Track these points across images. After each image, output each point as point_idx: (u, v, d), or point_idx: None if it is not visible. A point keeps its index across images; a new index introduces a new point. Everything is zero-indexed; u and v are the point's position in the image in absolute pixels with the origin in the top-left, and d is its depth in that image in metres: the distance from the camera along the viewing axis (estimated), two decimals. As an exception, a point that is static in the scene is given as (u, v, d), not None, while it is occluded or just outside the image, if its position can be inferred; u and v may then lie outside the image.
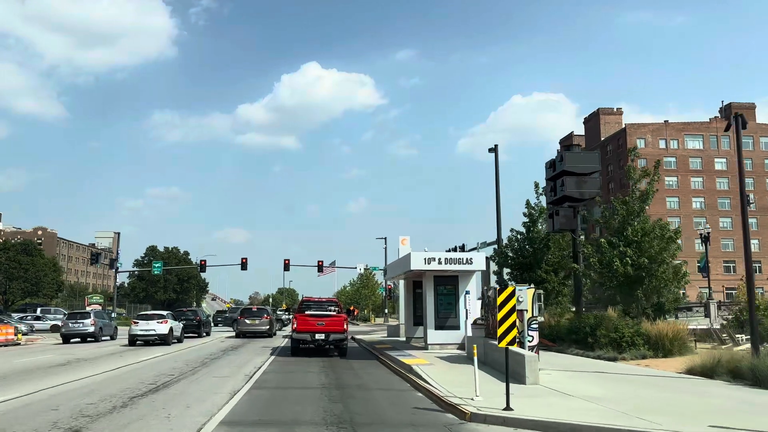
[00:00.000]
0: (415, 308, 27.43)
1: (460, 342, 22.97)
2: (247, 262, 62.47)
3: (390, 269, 27.28)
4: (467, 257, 22.13)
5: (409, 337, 27.43)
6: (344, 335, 24.28)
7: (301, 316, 24.63)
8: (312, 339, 23.94)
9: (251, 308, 38.21)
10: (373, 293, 70.57)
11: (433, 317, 23.03)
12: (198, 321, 36.83)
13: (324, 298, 30.68)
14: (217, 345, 30.67)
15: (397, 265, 25.80)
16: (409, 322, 27.40)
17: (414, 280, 27.42)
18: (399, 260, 25.02)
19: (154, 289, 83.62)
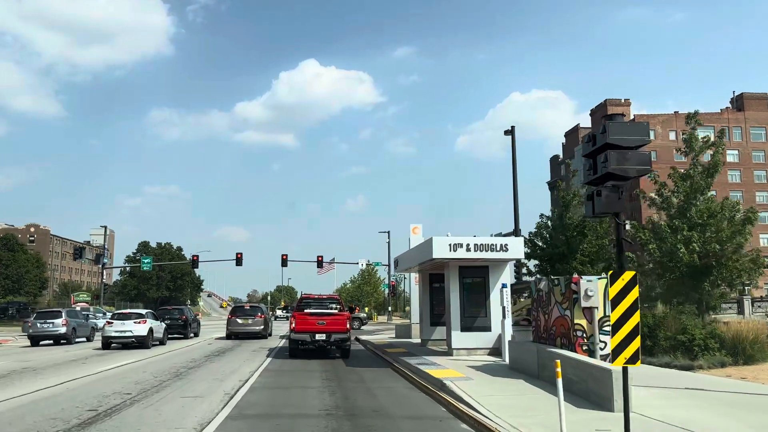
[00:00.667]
0: (432, 306, 23.27)
1: (491, 346, 18.82)
2: (242, 257, 58.48)
3: (402, 261, 23.04)
4: (502, 243, 17.95)
5: (425, 339, 23.27)
6: (347, 335, 21.55)
7: (300, 315, 21.84)
8: (312, 339, 21.23)
9: (243, 306, 34.01)
10: (375, 290, 66.46)
11: (458, 317, 18.88)
12: (184, 320, 32.63)
13: (324, 295, 26.75)
14: (203, 348, 26.48)
15: (412, 255, 21.60)
16: (425, 321, 23.25)
17: (431, 273, 23.27)
18: (415, 249, 20.81)
19: (146, 286, 79.30)
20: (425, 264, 20.40)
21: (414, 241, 27.71)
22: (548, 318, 13.65)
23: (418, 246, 19.76)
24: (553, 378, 12.39)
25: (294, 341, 21.66)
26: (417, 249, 20.20)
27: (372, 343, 27.10)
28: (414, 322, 28.43)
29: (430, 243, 18.00)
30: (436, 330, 23.07)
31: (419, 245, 19.49)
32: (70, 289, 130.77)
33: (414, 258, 21.14)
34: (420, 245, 19.52)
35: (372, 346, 26.20)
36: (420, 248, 19.58)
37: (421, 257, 19.38)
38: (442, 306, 22.80)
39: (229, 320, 32.33)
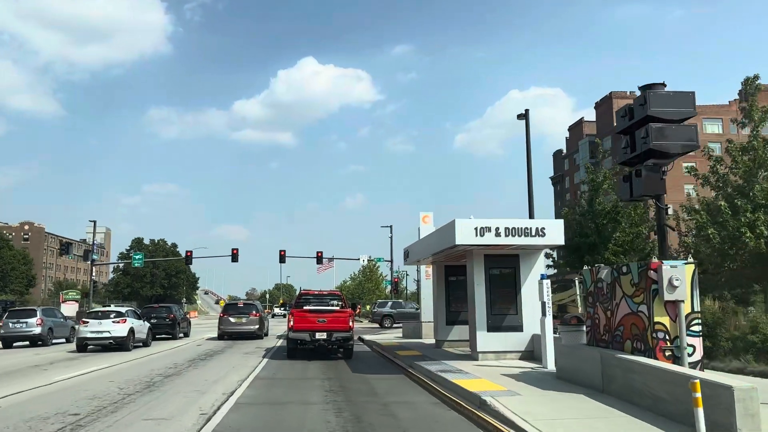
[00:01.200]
0: (448, 302, 20.33)
1: (523, 349, 15.91)
2: (237, 253, 55.68)
3: (414, 251, 20.09)
4: (538, 227, 14.98)
5: (440, 340, 20.33)
6: (350, 334, 19.70)
7: (299, 312, 19.95)
8: (311, 339, 19.44)
9: (236, 304, 30.97)
10: (377, 287, 63.53)
11: (484, 315, 15.96)
12: (172, 319, 29.66)
13: (325, 291, 23.96)
14: (190, 351, 23.54)
15: (427, 243, 18.62)
16: (440, 320, 20.30)
17: (447, 265, 20.35)
18: (433, 235, 17.81)
19: (140, 284, 76.24)
20: (442, 254, 17.48)
21: (424, 230, 24.82)
22: (612, 315, 10.71)
23: (437, 232, 16.80)
24: (625, 393, 9.47)
25: (292, 340, 19.74)
26: (435, 235, 17.23)
27: (378, 343, 24.17)
28: (426, 320, 25.51)
29: (451, 227, 15.04)
30: (453, 329, 20.14)
31: (438, 230, 16.54)
32: (64, 287, 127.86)
33: (429, 247, 18.19)
34: (439, 230, 16.56)
35: (378, 347, 23.27)
36: (439, 234, 16.60)
37: (440, 245, 16.43)
38: (460, 302, 19.92)
39: (221, 319, 29.37)
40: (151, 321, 29.40)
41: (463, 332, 19.88)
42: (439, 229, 16.52)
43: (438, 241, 16.74)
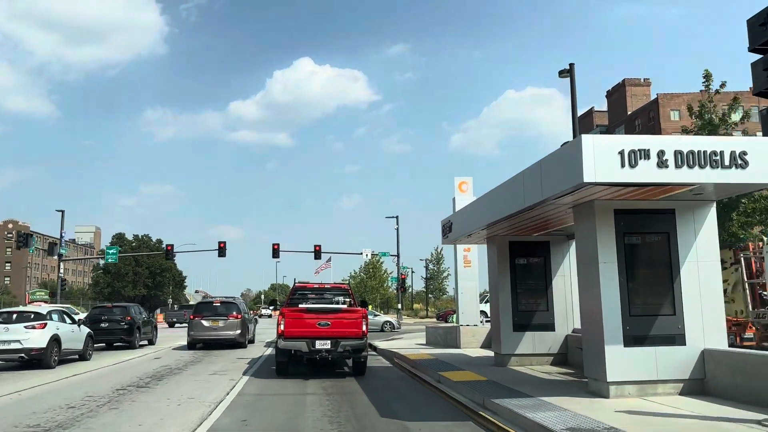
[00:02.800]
0: (516, 297, 13.24)
1: (688, 376, 8.86)
2: (225, 246, 48.65)
3: (462, 221, 13.14)
4: (735, 150, 7.82)
5: (505, 354, 13.20)
6: (363, 341, 13.81)
7: (292, 313, 13.94)
8: (310, 349, 13.56)
9: (211, 302, 23.11)
10: (381, 285, 56.53)
11: (617, 316, 8.82)
12: (129, 323, 22.51)
13: (328, 284, 17.03)
14: (141, 367, 16.45)
15: (491, 202, 11.39)
16: (505, 324, 13.13)
17: (514, 241, 13.31)
18: (506, 187, 10.52)
19: (122, 283, 68.81)
20: (520, 216, 10.50)
21: (461, 201, 17.88)
22: None
23: (519, 176, 9.54)
24: None
25: (283, 351, 13.88)
26: (513, 185, 10.05)
27: (401, 355, 17.08)
28: (465, 323, 18.46)
29: (570, 154, 7.98)
30: (524, 338, 13.10)
31: (526, 172, 9.35)
32: (49, 287, 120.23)
33: (493, 208, 11.07)
34: (529, 171, 9.34)
35: (404, 361, 16.22)
36: (527, 180, 9.41)
37: (530, 195, 9.26)
38: (535, 297, 13.13)
39: (190, 322, 22.20)
40: (100, 325, 22.34)
41: (541, 342, 12.92)
42: (527, 170, 9.47)
43: (519, 193, 9.61)
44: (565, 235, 13.32)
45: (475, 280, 18.44)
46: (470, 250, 18.56)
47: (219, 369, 15.67)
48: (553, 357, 13.16)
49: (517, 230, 12.61)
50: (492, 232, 13.12)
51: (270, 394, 11.54)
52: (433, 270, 61.59)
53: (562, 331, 13.16)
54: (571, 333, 13.15)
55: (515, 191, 9.90)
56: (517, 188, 9.80)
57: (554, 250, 13.32)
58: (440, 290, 62.56)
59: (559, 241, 13.37)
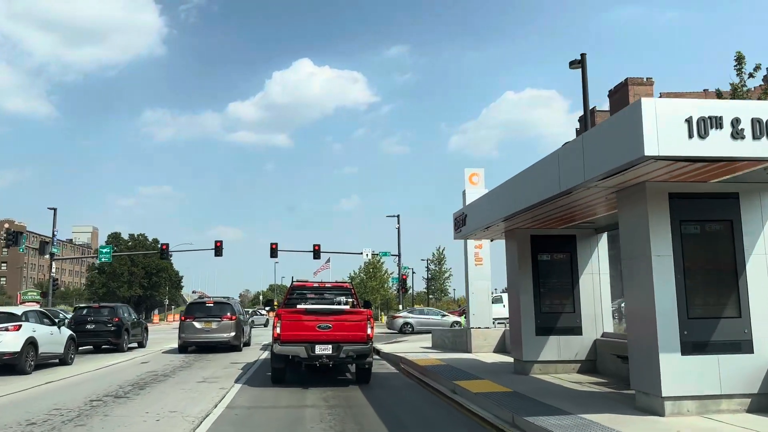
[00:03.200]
0: (539, 297, 11.82)
1: (756, 390, 7.46)
2: (221, 246, 47.37)
3: (478, 212, 11.68)
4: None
5: (527, 361, 11.76)
6: (368, 346, 12.44)
7: (290, 314, 12.53)
8: (309, 354, 12.20)
9: (204, 303, 21.33)
10: (382, 286, 55.08)
11: (674, 318, 7.43)
12: (117, 325, 21.09)
13: (329, 283, 15.62)
14: (126, 372, 15.03)
15: (514, 190, 9.96)
16: (527, 327, 11.69)
17: (536, 236, 11.91)
18: (534, 170, 9.11)
19: (117, 283, 67.23)
20: (549, 205, 9.11)
21: (472, 194, 16.49)
22: None
23: (569, 149, 8.04)
24: None
25: (279, 357, 12.42)
26: (543, 167, 8.64)
27: (408, 360, 15.68)
28: (476, 326, 17.06)
29: (632, 117, 6.56)
30: (548, 343, 11.69)
31: (561, 151, 7.95)
32: (45, 288, 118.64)
33: (516, 196, 9.67)
34: (566, 150, 7.92)
35: (411, 367, 14.81)
36: (573, 152, 7.91)
37: (580, 173, 7.81)
38: (560, 297, 11.73)
39: (182, 324, 20.74)
40: (86, 327, 20.94)
41: (566, 347, 11.53)
42: (564, 148, 8.05)
43: (552, 177, 8.20)
44: (594, 228, 11.93)
45: (487, 279, 17.05)
46: (482, 246, 17.16)
47: (209, 375, 14.26)
48: (580, 364, 11.76)
49: (540, 222, 11.23)
50: (511, 225, 11.72)
51: (264, 406, 10.14)
52: (434, 270, 60.15)
53: (590, 335, 11.76)
54: (601, 337, 11.75)
55: (547, 174, 8.49)
56: (550, 170, 8.40)
57: (581, 245, 11.93)
58: (442, 291, 61.10)
59: (586, 234, 11.98)
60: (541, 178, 8.75)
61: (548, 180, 8.45)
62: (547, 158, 8.57)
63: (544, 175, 8.61)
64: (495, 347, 16.76)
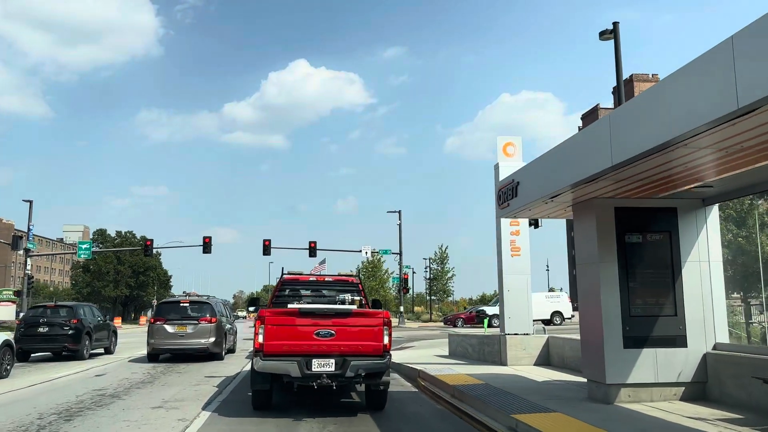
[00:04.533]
0: (627, 295, 8.30)
1: None
2: (210, 242, 43.95)
3: (540, 174, 8.00)
4: None
5: (611, 384, 8.22)
6: (384, 361, 8.84)
7: (277, 317, 8.94)
8: (304, 372, 8.57)
9: (178, 302, 17.68)
10: (382, 286, 51.43)
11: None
12: (75, 328, 17.52)
13: (330, 276, 12.01)
14: (67, 391, 11.48)
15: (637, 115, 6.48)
16: (610, 336, 8.15)
17: (622, 207, 8.41)
18: (640, 102, 5.69)
19: (102, 282, 63.38)
20: (653, 162, 5.64)
21: (506, 168, 13.06)
22: None
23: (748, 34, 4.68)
24: None
25: (262, 377, 8.96)
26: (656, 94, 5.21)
27: (430, 376, 12.16)
28: (513, 331, 13.52)
29: None
30: (641, 359, 8.15)
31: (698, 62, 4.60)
32: (36, 289, 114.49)
33: (659, 124, 6.17)
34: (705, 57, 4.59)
35: (436, 385, 11.30)
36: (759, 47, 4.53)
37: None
38: (658, 292, 8.18)
39: (151, 328, 17.14)
40: (38, 330, 17.40)
41: (666, 365, 8.13)
42: (735, 44, 4.68)
43: (710, 93, 4.79)
44: (701, 199, 8.47)
45: (526, 273, 13.56)
46: (519, 233, 13.68)
47: (171, 397, 10.72)
48: (684, 388, 8.29)
49: (630, 189, 7.77)
50: (585, 194, 8.26)
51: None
52: (436, 270, 56.71)
53: (698, 347, 8.30)
54: (713, 350, 8.28)
55: (704, 92, 5.01)
56: (710, 85, 4.92)
57: (684, 222, 8.48)
58: (444, 292, 57.67)
59: (691, 206, 8.53)
60: (695, 97, 5.25)
61: (706, 100, 4.97)
62: (704, 60, 5.08)
63: (700, 94, 5.12)
64: (536, 359, 13.29)
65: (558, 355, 12.95)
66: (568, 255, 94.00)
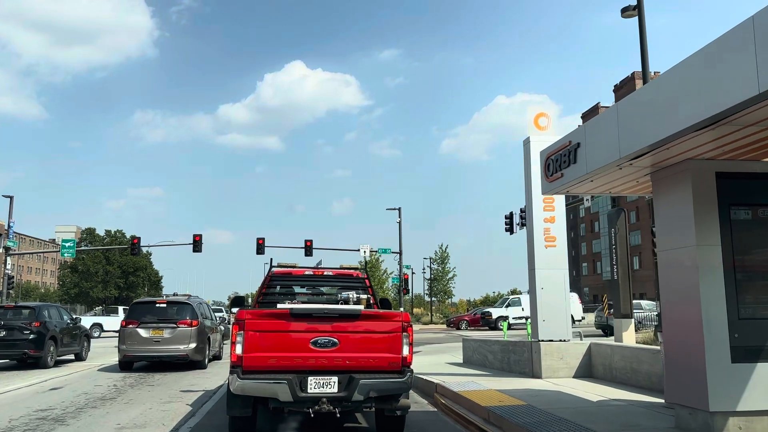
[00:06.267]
0: (735, 289, 6.11)
1: None
2: (201, 240, 41.80)
3: (610, 131, 5.54)
4: None
5: (715, 411, 6.01)
6: (403, 379, 6.40)
7: (261, 320, 6.43)
8: (297, 395, 6.11)
9: (154, 303, 15.37)
10: (380, 287, 49.19)
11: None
12: (38, 332, 15.22)
13: (329, 269, 9.55)
14: (5, 411, 9.21)
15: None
16: (713, 346, 6.01)
17: (725, 172, 6.21)
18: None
19: (90, 283, 60.88)
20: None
21: (537, 144, 10.99)
22: None
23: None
24: None
25: (240, 401, 6.65)
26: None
27: (452, 392, 9.93)
28: (549, 338, 11.26)
29: None
30: (755, 377, 5.97)
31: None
32: (27, 290, 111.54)
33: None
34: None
35: (463, 405, 9.05)
36: None
37: None
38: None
39: (123, 331, 14.82)
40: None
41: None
42: None
43: None
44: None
45: (563, 268, 11.34)
46: (554, 219, 11.46)
47: (130, 421, 8.46)
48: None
49: (739, 147, 5.59)
50: (673, 155, 6.06)
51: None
52: (437, 270, 54.47)
53: (830, 361, 6.07)
54: None
55: None
56: None
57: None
58: (445, 293, 55.45)
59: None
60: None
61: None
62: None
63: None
64: (576, 370, 11.06)
65: (604, 365, 10.73)
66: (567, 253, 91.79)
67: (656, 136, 5.56)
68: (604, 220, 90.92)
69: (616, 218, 15.52)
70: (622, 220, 15.41)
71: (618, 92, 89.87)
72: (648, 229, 79.03)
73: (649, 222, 76.46)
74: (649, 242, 77.88)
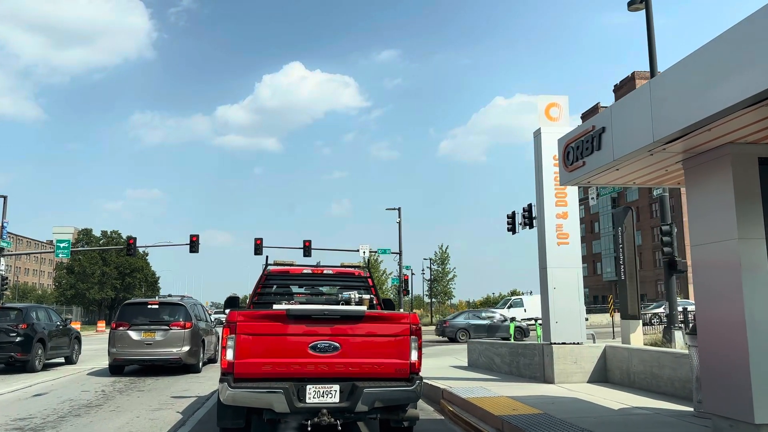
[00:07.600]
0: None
1: None
2: (197, 240, 41.22)
3: (640, 113, 4.82)
4: None
5: (761, 424, 5.38)
6: (412, 388, 5.81)
7: (254, 322, 5.85)
8: (295, 405, 5.49)
9: (145, 304, 14.66)
10: (380, 287, 48.69)
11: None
12: (24, 334, 14.56)
13: (330, 268, 8.82)
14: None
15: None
16: (758, 350, 5.41)
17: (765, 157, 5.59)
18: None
19: (87, 284, 60.12)
20: None
21: (549, 135, 10.43)
22: None
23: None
24: None
25: (231, 412, 6.06)
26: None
27: (461, 399, 9.30)
28: (561, 340, 10.61)
29: None
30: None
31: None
32: (24, 292, 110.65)
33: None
34: None
35: (475, 414, 8.42)
36: None
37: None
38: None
39: (113, 334, 14.17)
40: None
41: None
42: None
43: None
44: None
45: (576, 267, 10.70)
46: (567, 215, 10.83)
47: (115, 431, 7.80)
48: None
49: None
50: (710, 139, 5.43)
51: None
52: (437, 271, 53.82)
53: None
54: None
55: None
56: None
57: None
58: (445, 294, 54.81)
59: None
60: None
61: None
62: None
63: None
64: (590, 375, 10.42)
65: (621, 369, 10.09)
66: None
67: (699, 115, 4.92)
68: (604, 221, 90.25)
69: (623, 217, 14.89)
70: (629, 219, 14.79)
71: (618, 92, 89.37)
72: (648, 229, 78.18)
73: (650, 222, 75.57)
74: (650, 242, 77.11)
